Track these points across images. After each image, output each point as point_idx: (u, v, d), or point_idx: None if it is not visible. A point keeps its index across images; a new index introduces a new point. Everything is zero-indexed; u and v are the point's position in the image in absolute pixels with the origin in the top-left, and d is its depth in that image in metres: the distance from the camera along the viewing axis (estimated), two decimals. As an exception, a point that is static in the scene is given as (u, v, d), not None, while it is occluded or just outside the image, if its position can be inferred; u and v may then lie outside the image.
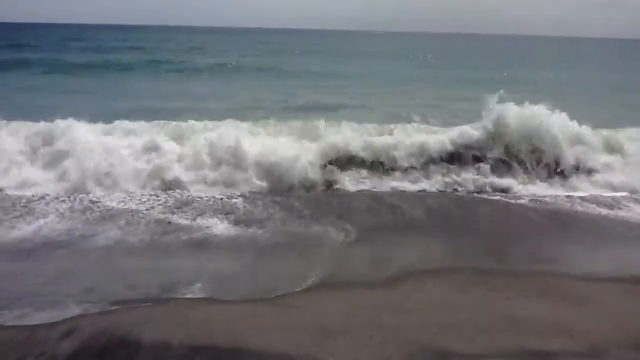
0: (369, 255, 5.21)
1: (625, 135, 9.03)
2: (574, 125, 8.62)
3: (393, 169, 7.97)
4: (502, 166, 8.12)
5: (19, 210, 6.11)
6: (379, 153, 8.11)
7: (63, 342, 3.46)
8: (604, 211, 6.73)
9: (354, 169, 7.93)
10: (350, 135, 8.50)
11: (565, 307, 4.11)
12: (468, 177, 7.77)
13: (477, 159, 8.18)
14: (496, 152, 8.22)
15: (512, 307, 4.08)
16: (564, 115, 8.65)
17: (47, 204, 6.36)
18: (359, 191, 7.39)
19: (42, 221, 5.79)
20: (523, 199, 7.19)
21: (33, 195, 6.61)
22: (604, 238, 5.93)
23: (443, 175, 7.84)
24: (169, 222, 5.87)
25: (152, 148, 7.77)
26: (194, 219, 5.99)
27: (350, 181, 7.59)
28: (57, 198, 6.55)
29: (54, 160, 7.40)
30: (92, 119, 8.47)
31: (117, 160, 7.27)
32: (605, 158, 8.41)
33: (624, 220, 6.41)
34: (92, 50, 32.39)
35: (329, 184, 7.53)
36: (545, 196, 7.29)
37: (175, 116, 9.48)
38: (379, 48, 54.53)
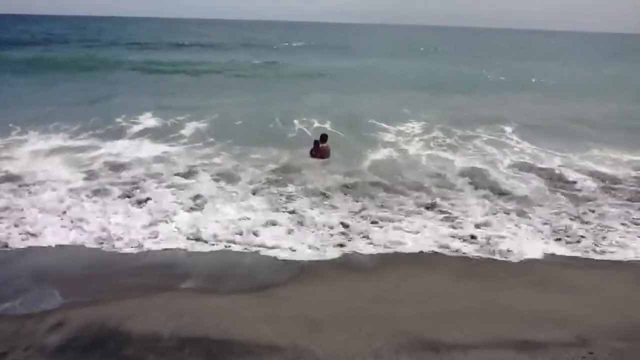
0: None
1: None
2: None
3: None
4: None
5: None
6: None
7: (52, 334, 3.42)
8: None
9: None
10: None
11: (556, 297, 4.11)
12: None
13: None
14: None
15: (504, 297, 4.07)
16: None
17: None
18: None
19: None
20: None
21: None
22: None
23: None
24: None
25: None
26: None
27: None
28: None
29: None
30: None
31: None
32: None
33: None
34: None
35: None
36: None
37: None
38: (406, 42, 51.99)
